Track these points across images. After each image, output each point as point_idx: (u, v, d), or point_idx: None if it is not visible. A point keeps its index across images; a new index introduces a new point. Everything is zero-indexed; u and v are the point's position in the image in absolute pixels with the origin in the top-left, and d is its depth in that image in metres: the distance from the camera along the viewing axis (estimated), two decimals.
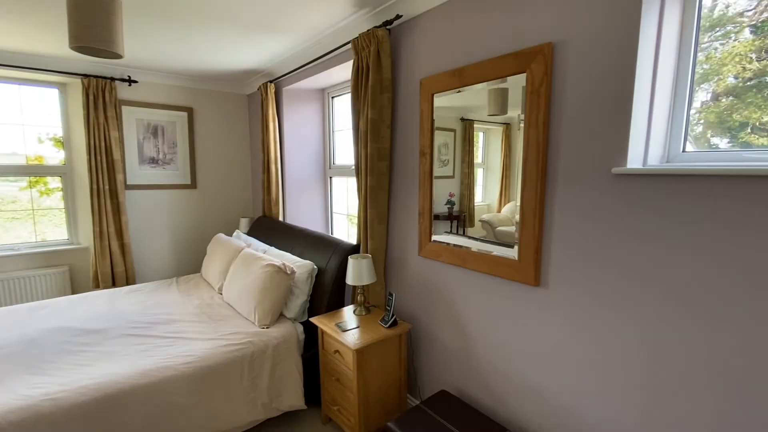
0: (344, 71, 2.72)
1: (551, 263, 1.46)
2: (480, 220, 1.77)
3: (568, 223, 1.40)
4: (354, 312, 2.15)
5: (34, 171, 3.26)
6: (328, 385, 2.08)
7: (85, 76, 3.04)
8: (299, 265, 2.34)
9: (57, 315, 2.32)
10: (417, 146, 2.00)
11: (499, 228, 1.67)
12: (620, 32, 1.22)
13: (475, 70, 1.65)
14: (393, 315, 1.99)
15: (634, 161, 1.25)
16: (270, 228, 3.21)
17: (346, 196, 3.41)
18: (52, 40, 2.57)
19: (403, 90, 2.06)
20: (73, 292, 3.33)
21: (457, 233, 1.88)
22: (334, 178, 3.46)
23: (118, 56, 1.41)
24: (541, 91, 1.41)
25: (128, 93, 3.34)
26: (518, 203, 1.54)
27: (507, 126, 1.61)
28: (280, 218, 3.36)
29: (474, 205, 1.82)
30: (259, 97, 3.68)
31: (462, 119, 1.82)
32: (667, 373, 1.19)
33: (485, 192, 1.76)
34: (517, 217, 1.55)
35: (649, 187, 1.19)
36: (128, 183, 3.41)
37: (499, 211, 1.67)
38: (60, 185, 3.36)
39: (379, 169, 2.11)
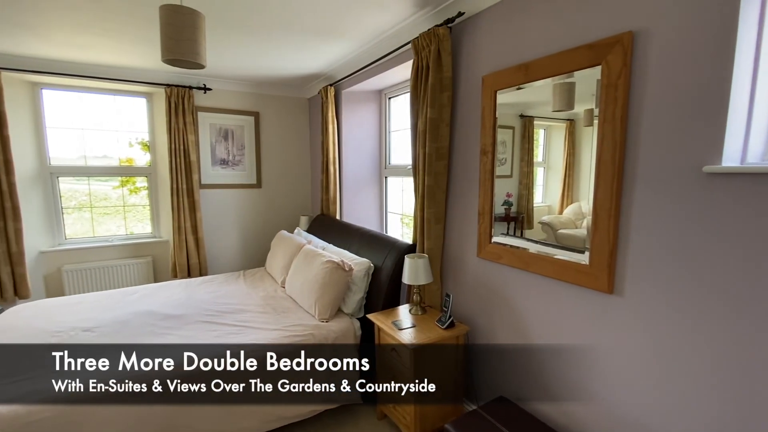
0: (402, 72, 2.74)
1: (627, 269, 1.36)
2: (540, 222, 1.70)
3: (648, 226, 1.29)
4: (410, 311, 2.16)
5: (125, 172, 3.68)
6: (383, 381, 2.11)
7: (168, 85, 3.37)
8: (357, 262, 2.40)
9: (144, 300, 2.60)
10: (477, 145, 1.96)
11: (561, 231, 1.59)
12: (714, 16, 1.10)
13: (542, 64, 1.58)
14: (450, 316, 1.97)
15: (730, 159, 1.12)
16: (328, 226, 3.33)
17: (401, 195, 3.44)
18: (142, 55, 2.88)
19: (464, 88, 2.03)
20: (155, 280, 3.70)
21: (514, 235, 1.82)
22: (389, 178, 3.50)
23: (201, 66, 1.55)
24: (618, 84, 1.32)
25: (203, 100, 3.65)
26: (590, 204, 1.45)
27: (571, 122, 1.53)
28: (337, 217, 3.47)
29: (533, 206, 1.75)
30: (319, 100, 3.82)
31: (521, 116, 1.75)
32: (765, 397, 1.06)
33: (546, 192, 1.68)
34: (587, 219, 1.46)
35: (748, 187, 1.06)
36: (202, 182, 3.72)
37: (560, 212, 1.59)
38: (146, 184, 3.76)
39: (437, 169, 2.10)
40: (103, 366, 1.75)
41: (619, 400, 1.41)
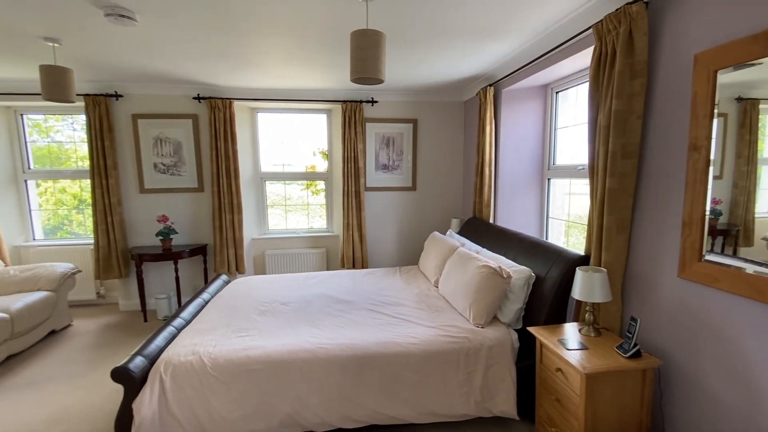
0: (575, 63, 2.46)
1: None
2: (764, 239, 1.28)
3: None
4: (579, 330, 1.91)
5: (309, 177, 4.40)
6: (544, 402, 1.94)
7: (344, 101, 3.88)
8: (515, 270, 2.27)
9: (321, 284, 3.06)
10: (682, 139, 1.59)
11: None
12: None
13: None
14: (636, 344, 1.66)
15: None
16: (481, 229, 3.25)
17: (567, 199, 3.09)
18: (327, 78, 3.40)
19: (663, 72, 1.68)
20: (327, 269, 4.31)
21: (722, 253, 1.41)
22: (552, 180, 3.20)
23: (381, 81, 1.72)
24: None
25: (370, 112, 4.06)
26: None
27: None
28: (491, 220, 3.36)
29: (754, 217, 1.32)
30: (476, 102, 3.78)
31: (739, 99, 1.34)
32: None
33: None
34: None
35: None
36: (367, 185, 4.15)
37: None
38: (324, 187, 4.42)
39: (623, 169, 1.80)
40: (297, 334, 2.13)
41: None
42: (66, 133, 4.16)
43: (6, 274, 3.35)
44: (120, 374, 1.76)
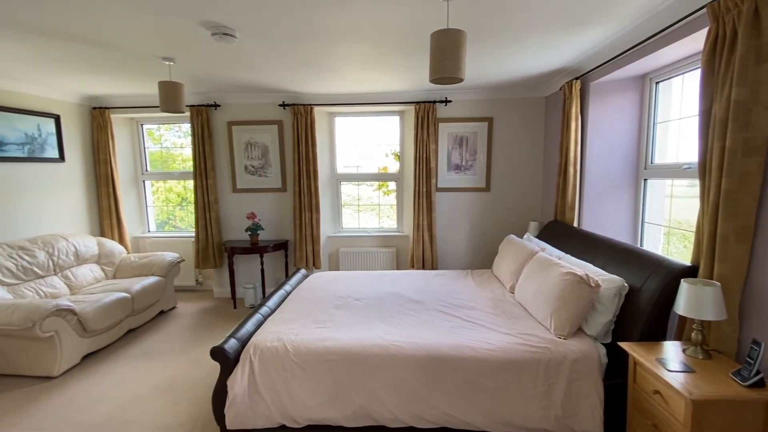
0: (680, 49, 2.18)
1: None
2: None
3: None
4: (684, 351, 1.69)
5: (381, 177, 4.50)
6: (638, 426, 1.75)
7: (417, 102, 3.90)
8: (605, 279, 2.08)
9: (393, 283, 3.11)
10: None
11: None
12: None
13: None
14: (758, 372, 1.42)
15: None
16: (563, 234, 3.04)
17: (667, 202, 2.75)
18: (400, 80, 3.44)
19: None
20: (397, 268, 4.36)
21: None
22: (649, 181, 2.87)
23: (461, 80, 1.69)
24: None
25: (443, 111, 4.02)
26: None
27: None
28: (575, 224, 3.12)
29: None
30: (560, 96, 3.54)
31: None
32: None
33: None
34: None
35: None
36: (438, 186, 4.12)
37: None
38: (395, 188, 4.48)
39: (744, 168, 1.55)
40: (370, 329, 2.20)
41: None
42: (171, 140, 4.80)
43: (128, 261, 3.95)
44: (217, 353, 1.98)
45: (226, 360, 1.98)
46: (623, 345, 1.79)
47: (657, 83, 2.75)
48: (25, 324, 2.50)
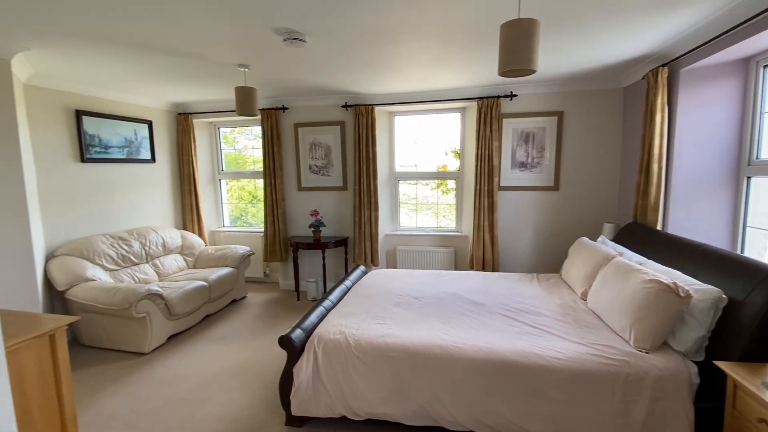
0: None
1: None
2: None
3: None
4: None
5: (440, 176, 4.44)
6: None
7: (479, 98, 3.78)
8: (698, 288, 1.85)
9: (452, 283, 3.05)
10: None
11: None
12: None
13: None
14: None
15: None
16: (644, 237, 2.76)
17: None
18: (462, 76, 3.36)
19: None
20: (455, 268, 4.27)
21: None
22: (753, 179, 2.50)
23: (533, 71, 1.61)
24: None
25: (508, 107, 3.86)
26: None
27: None
28: (658, 227, 2.82)
29: None
30: (642, 86, 3.22)
31: None
32: None
33: None
34: None
35: None
36: (501, 185, 3.96)
37: None
38: (454, 187, 4.40)
39: None
40: (429, 329, 2.18)
41: None
42: (243, 143, 5.17)
43: (206, 252, 4.33)
44: (285, 342, 2.09)
45: (293, 349, 2.09)
46: (720, 364, 1.58)
47: (765, 66, 2.38)
48: (123, 305, 2.85)
